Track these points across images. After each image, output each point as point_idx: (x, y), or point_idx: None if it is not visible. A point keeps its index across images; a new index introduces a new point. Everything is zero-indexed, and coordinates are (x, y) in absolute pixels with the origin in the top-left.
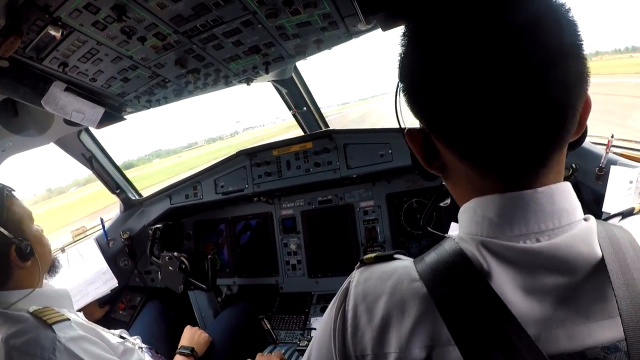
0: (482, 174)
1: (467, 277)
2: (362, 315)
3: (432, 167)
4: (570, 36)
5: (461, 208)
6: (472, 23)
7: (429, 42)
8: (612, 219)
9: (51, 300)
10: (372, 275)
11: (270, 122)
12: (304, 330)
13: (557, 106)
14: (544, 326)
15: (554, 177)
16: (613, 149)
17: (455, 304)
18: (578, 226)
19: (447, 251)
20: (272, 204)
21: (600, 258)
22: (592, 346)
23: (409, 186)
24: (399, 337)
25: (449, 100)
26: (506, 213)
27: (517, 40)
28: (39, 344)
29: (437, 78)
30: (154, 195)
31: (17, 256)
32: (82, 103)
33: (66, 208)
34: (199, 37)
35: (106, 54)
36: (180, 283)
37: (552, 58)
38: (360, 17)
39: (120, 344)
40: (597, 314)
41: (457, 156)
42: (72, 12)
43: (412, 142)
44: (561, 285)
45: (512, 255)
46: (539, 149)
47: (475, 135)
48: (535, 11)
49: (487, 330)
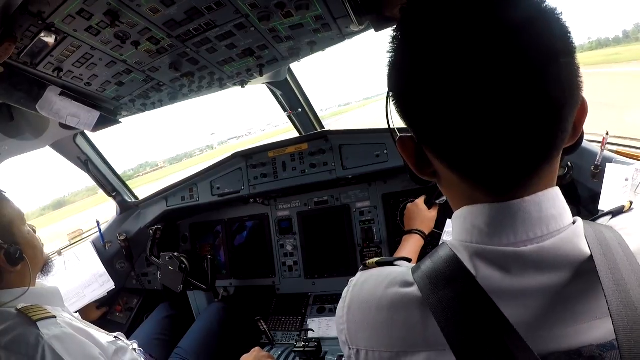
0: (472, 185)
1: (461, 283)
2: (357, 313)
3: (423, 174)
4: (561, 37)
5: (454, 214)
6: (462, 25)
7: (417, 46)
8: (602, 218)
9: (41, 298)
10: (370, 278)
11: (260, 130)
12: (300, 332)
13: (549, 110)
14: (533, 328)
15: (546, 184)
16: (608, 146)
17: (451, 311)
18: (566, 230)
19: (441, 258)
20: (268, 205)
21: (587, 258)
22: (587, 344)
23: (405, 186)
24: (390, 338)
25: (438, 108)
26: (495, 223)
27: (508, 41)
28: (24, 341)
29: (425, 83)
30: (150, 198)
31: (6, 261)
32: (77, 107)
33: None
34: (192, 40)
35: (100, 59)
36: (179, 283)
37: (545, 58)
38: (353, 18)
39: (111, 344)
40: (586, 314)
41: (446, 166)
42: (66, 18)
43: (403, 150)
44: (549, 287)
45: (501, 259)
46: (531, 160)
47: (465, 148)
48: (525, 13)
49: (482, 337)
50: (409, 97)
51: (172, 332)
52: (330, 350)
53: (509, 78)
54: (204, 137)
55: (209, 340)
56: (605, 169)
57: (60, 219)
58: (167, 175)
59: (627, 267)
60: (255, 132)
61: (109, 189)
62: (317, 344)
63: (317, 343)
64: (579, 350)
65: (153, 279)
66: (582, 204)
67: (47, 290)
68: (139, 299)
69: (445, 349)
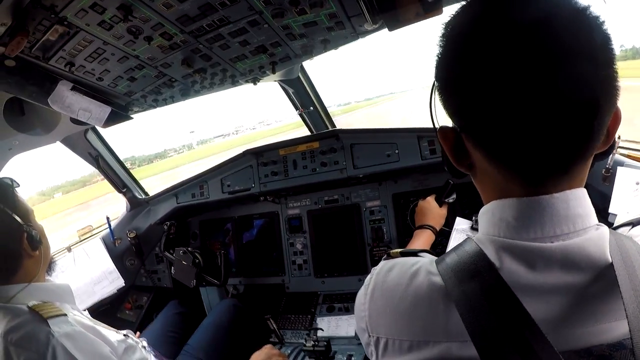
0: (506, 176)
1: (485, 277)
2: (379, 300)
3: (461, 165)
4: (602, 45)
5: (481, 210)
6: (503, 22)
7: (467, 41)
8: (622, 228)
9: (52, 295)
10: (394, 266)
11: (250, 128)
12: (310, 330)
13: (587, 111)
14: (554, 325)
15: (575, 184)
16: (620, 150)
17: (474, 304)
18: (591, 231)
19: (467, 252)
20: (278, 203)
21: (609, 263)
22: (597, 344)
23: (415, 186)
24: (412, 327)
25: (481, 98)
26: (523, 217)
27: (551, 43)
28: (34, 338)
29: (470, 76)
30: (160, 194)
31: (28, 244)
32: (88, 102)
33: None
34: (205, 36)
35: (112, 54)
36: (193, 278)
37: (587, 64)
38: (367, 16)
39: (121, 342)
40: (605, 315)
41: (484, 155)
42: (78, 12)
43: (443, 140)
44: (572, 286)
45: (527, 255)
46: (563, 155)
47: (504, 135)
48: (569, 18)
49: (504, 331)
50: (455, 87)
51: (181, 329)
52: (340, 350)
53: (551, 78)
54: (182, 136)
55: (219, 338)
56: (616, 172)
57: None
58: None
59: None
60: (244, 131)
61: (120, 184)
62: (327, 343)
63: (327, 342)
64: (589, 349)
65: (163, 276)
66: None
67: (57, 287)
68: (148, 296)
69: (466, 340)
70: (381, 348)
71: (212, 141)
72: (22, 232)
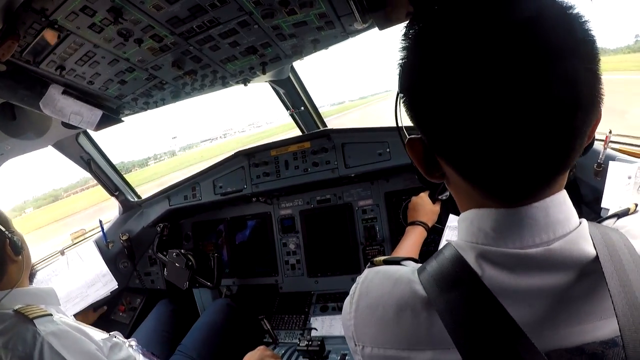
0: (483, 193)
1: (467, 285)
2: (364, 310)
3: (432, 177)
4: (584, 42)
5: (460, 216)
6: (474, 25)
7: (430, 46)
8: (607, 220)
9: (37, 298)
10: (377, 275)
11: (239, 131)
12: (303, 330)
13: (566, 122)
14: (539, 327)
15: (555, 190)
16: (611, 144)
17: (457, 312)
18: (572, 232)
19: (447, 258)
20: (270, 204)
21: (593, 259)
22: (590, 341)
23: (407, 184)
24: (396, 336)
25: (450, 112)
26: (501, 228)
27: (521, 39)
28: (21, 339)
29: (437, 85)
30: (152, 197)
31: (10, 249)
32: (80, 106)
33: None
34: (195, 38)
35: (103, 57)
36: (186, 279)
37: (565, 66)
38: (357, 16)
39: (106, 340)
40: (591, 315)
41: (457, 173)
42: (69, 15)
43: (412, 152)
44: (555, 288)
45: (507, 261)
46: (545, 173)
47: (477, 157)
48: (538, 10)
49: (489, 337)
50: (420, 98)
51: (173, 328)
52: (334, 349)
53: (517, 83)
54: (164, 141)
55: (212, 338)
56: (608, 167)
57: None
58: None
59: (633, 269)
60: (232, 134)
61: (112, 188)
62: (321, 343)
63: (321, 342)
64: (581, 348)
65: (156, 278)
66: (584, 202)
67: (41, 290)
68: (142, 298)
69: (450, 347)
70: (367, 357)
71: (198, 146)
72: (4, 238)
